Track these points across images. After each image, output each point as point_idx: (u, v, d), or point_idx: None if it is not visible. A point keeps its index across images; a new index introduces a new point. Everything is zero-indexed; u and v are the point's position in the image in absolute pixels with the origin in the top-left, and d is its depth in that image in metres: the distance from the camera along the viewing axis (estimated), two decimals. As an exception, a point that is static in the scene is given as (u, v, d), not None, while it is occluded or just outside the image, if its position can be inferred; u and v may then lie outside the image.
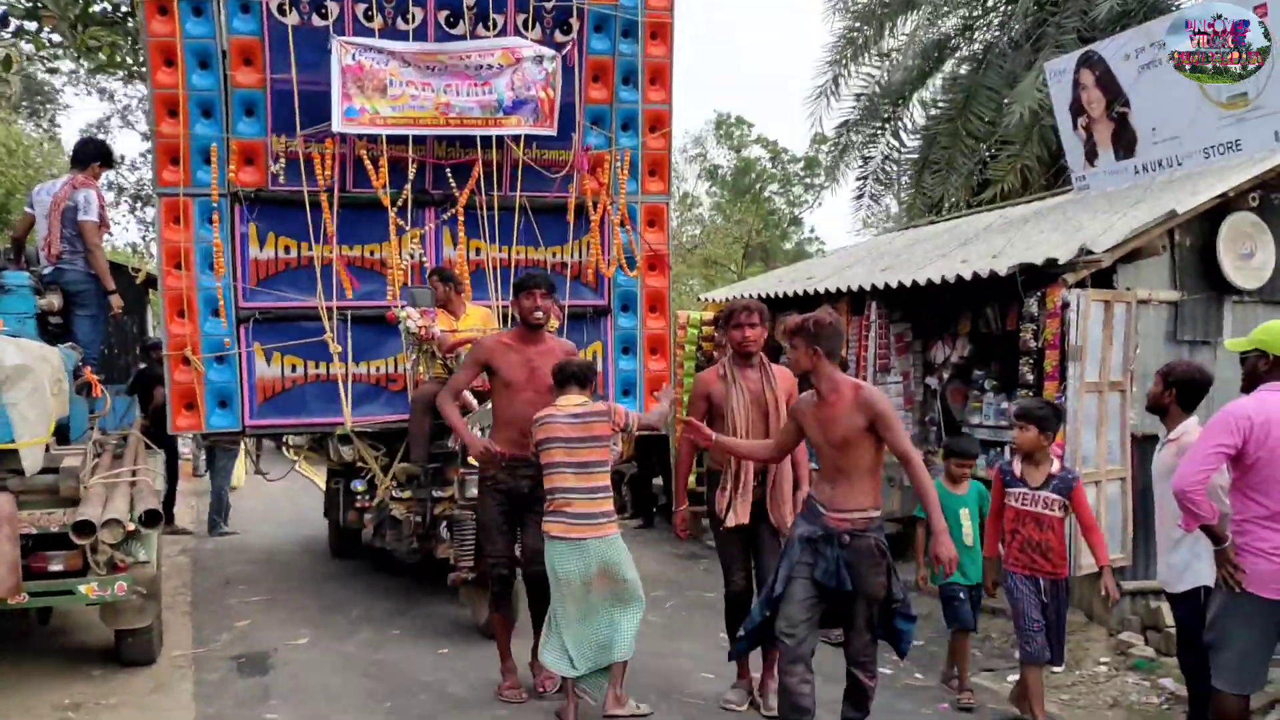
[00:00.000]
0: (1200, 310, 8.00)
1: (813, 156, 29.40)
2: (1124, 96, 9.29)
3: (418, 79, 7.47)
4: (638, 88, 8.34)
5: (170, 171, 7.44)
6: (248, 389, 7.64)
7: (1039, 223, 9.62)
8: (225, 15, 7.37)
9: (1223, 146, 8.50)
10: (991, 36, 16.68)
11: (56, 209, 7.25)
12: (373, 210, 7.71)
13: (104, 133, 25.14)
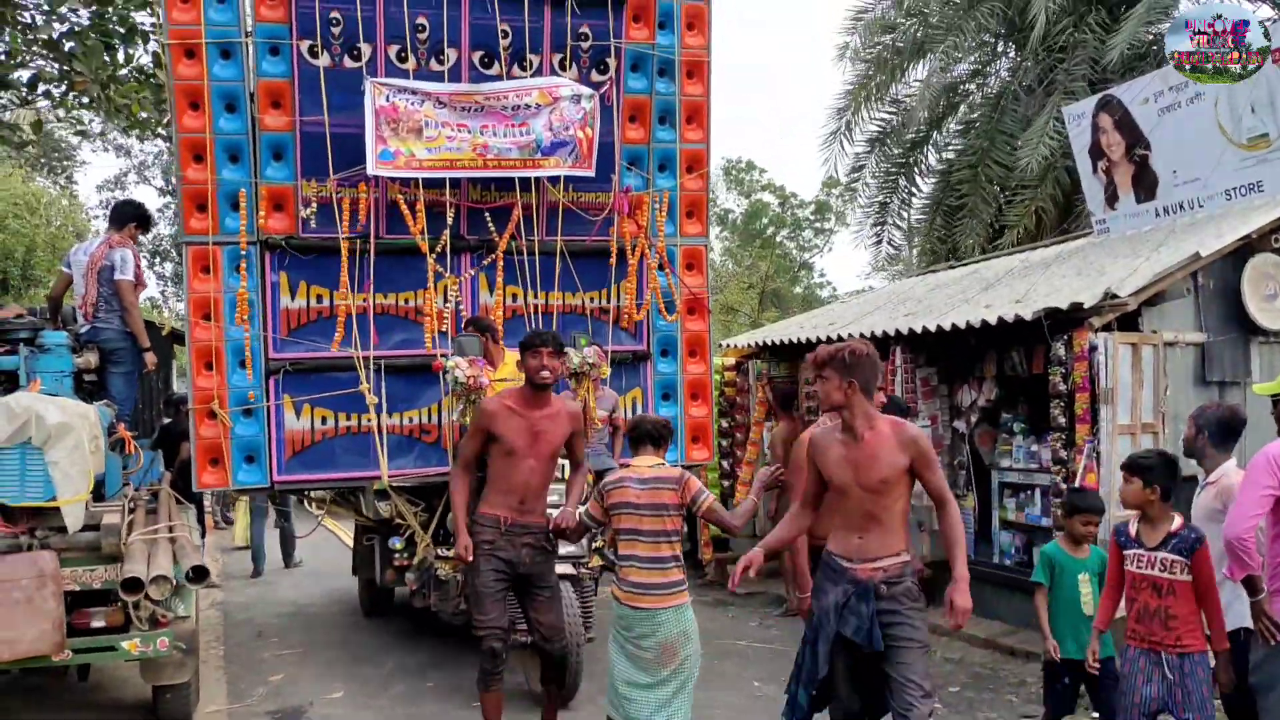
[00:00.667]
0: (1227, 351, 8.03)
1: (823, 201, 29.59)
2: (1144, 140, 9.45)
3: (453, 120, 7.28)
4: (675, 127, 8.20)
5: (197, 219, 7.27)
6: (276, 443, 7.44)
7: (1061, 266, 9.65)
8: (254, 58, 7.26)
9: (1244, 188, 8.65)
10: (1003, 83, 16.92)
11: (93, 268, 7.36)
12: (406, 257, 7.53)
13: (120, 188, 25.48)
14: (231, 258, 7.26)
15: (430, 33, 7.33)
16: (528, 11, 7.45)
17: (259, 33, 7.16)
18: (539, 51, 7.57)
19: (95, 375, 7.38)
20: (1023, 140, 14.34)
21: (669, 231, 8.18)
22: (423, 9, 7.27)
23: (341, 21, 7.17)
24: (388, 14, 7.23)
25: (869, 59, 17.12)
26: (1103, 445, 7.32)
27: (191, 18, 7.01)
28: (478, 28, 7.42)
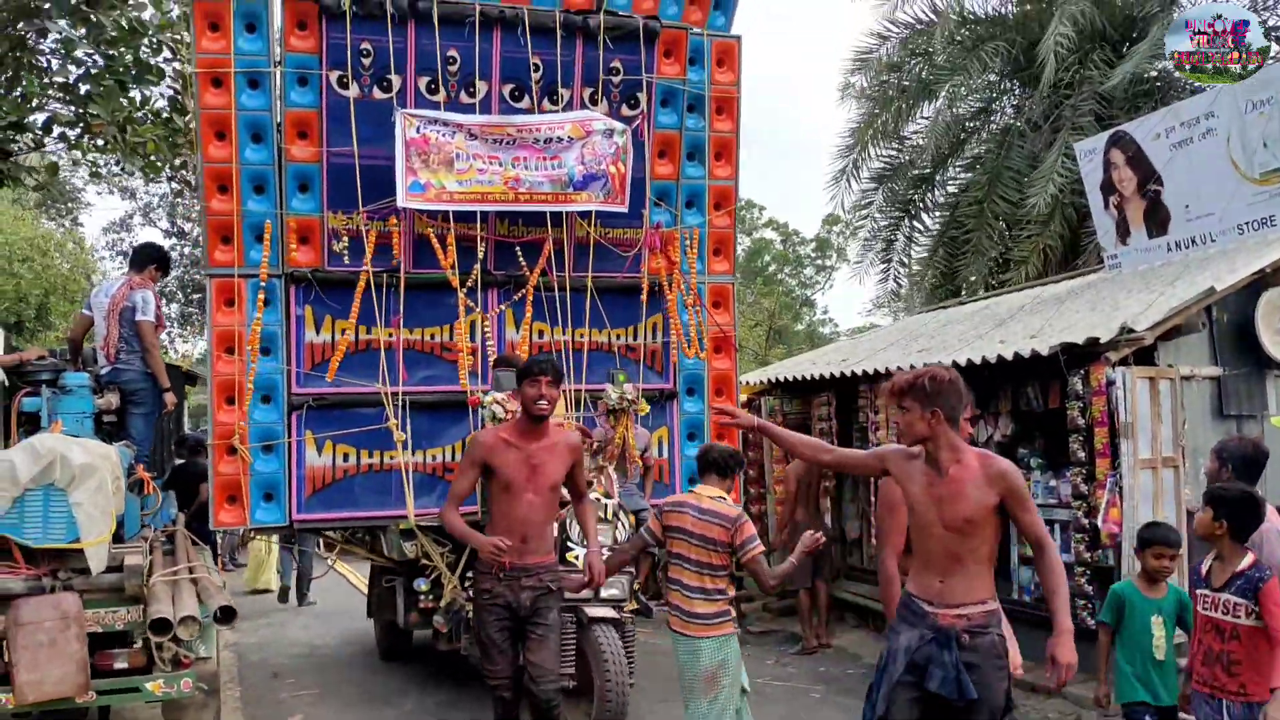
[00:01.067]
0: (1243, 385, 8.01)
1: (824, 238, 29.71)
2: (1156, 175, 9.38)
3: (485, 153, 7.15)
4: (703, 163, 8.11)
5: (222, 251, 7.16)
6: (296, 480, 7.27)
7: (1074, 302, 9.63)
8: (282, 88, 7.14)
9: (1257, 222, 8.58)
10: (1008, 119, 17.03)
11: (115, 310, 7.36)
12: (434, 291, 7.40)
13: (126, 230, 25.55)
14: (255, 291, 7.13)
15: (461, 65, 7.24)
16: (560, 45, 7.36)
17: (288, 62, 7.08)
18: (570, 85, 7.48)
19: (114, 416, 7.38)
20: (1032, 178, 14.33)
21: (697, 269, 8.06)
22: (454, 41, 7.18)
23: (372, 53, 7.09)
24: (419, 46, 7.14)
25: (874, 97, 17.23)
26: (1125, 480, 7.30)
27: (221, 46, 6.95)
28: (509, 61, 7.33)
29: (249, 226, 7.13)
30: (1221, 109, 8.80)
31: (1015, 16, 16.36)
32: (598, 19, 7.42)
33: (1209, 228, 9.04)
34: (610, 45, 7.45)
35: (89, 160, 11.09)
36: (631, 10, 7.65)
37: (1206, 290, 7.68)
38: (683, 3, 7.89)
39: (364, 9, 6.99)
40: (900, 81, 17.00)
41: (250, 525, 7.19)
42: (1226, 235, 8.87)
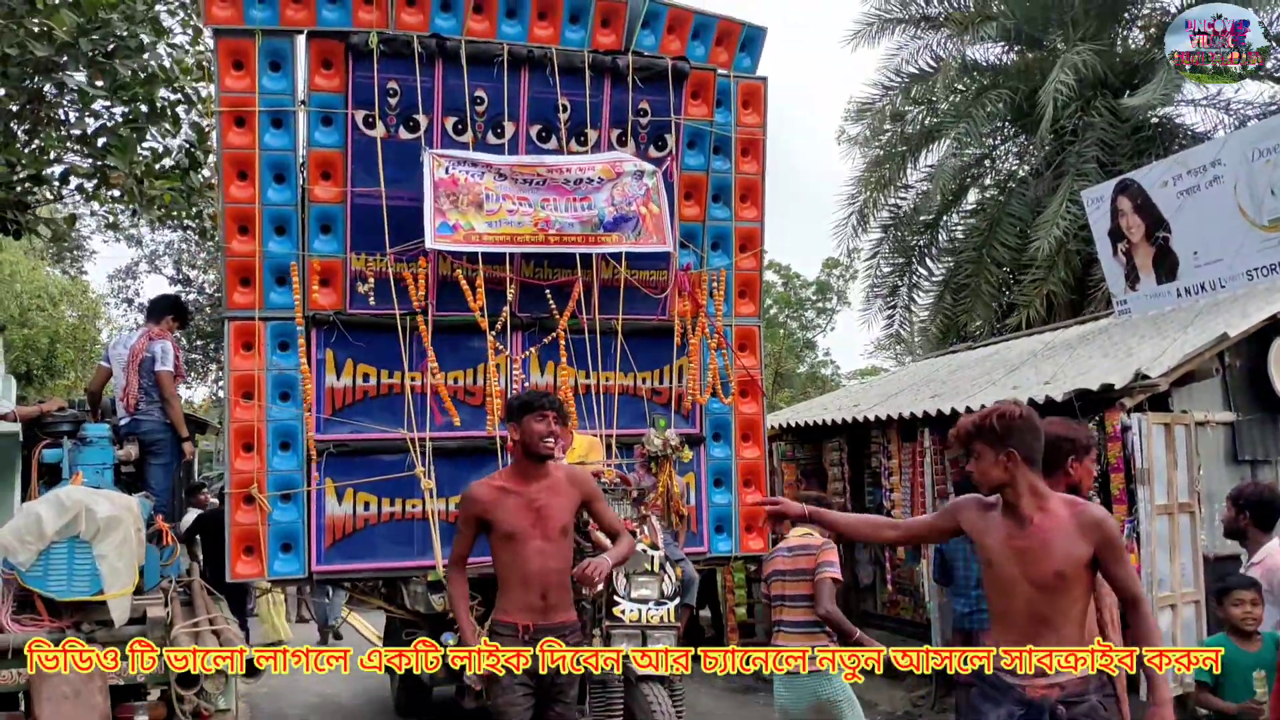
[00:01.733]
0: (1257, 430, 8.00)
1: (824, 281, 29.79)
2: (1164, 222, 9.39)
3: (514, 193, 6.97)
4: (729, 205, 7.96)
5: (241, 293, 6.97)
6: (315, 530, 7.02)
7: (1086, 348, 9.57)
8: (306, 128, 6.98)
9: (1267, 268, 8.60)
10: (1012, 165, 17.17)
11: (134, 361, 7.32)
12: (456, 334, 7.22)
13: (132, 278, 25.63)
14: (275, 334, 6.96)
15: (489, 105, 7.11)
16: (589, 86, 7.22)
17: (313, 102, 6.94)
18: (598, 126, 7.34)
19: (132, 467, 7.37)
20: (1035, 224, 14.28)
21: (724, 312, 7.88)
22: (482, 81, 7.05)
23: (399, 92, 6.93)
24: (446, 85, 7.00)
25: (878, 146, 17.33)
26: (1142, 526, 7.27)
27: (245, 85, 6.81)
28: (537, 101, 7.20)
29: (270, 268, 6.96)
30: (1228, 157, 8.80)
31: (1016, 65, 16.41)
32: (627, 59, 7.30)
33: (1218, 274, 9.01)
34: (639, 86, 7.33)
35: (105, 212, 11.16)
36: (659, 51, 7.56)
37: (1220, 336, 7.67)
38: (709, 44, 7.77)
39: (391, 48, 6.85)
40: (903, 130, 17.13)
41: (268, 577, 6.96)
42: (1236, 281, 8.84)
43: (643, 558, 5.82)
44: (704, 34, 7.72)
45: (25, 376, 17.48)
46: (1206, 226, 8.99)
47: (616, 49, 7.41)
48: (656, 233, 7.21)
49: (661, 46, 7.59)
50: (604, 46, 7.39)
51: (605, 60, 7.28)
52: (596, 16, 7.38)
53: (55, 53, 8.35)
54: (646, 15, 7.50)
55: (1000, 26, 16.18)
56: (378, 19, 6.93)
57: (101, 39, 8.56)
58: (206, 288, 22.55)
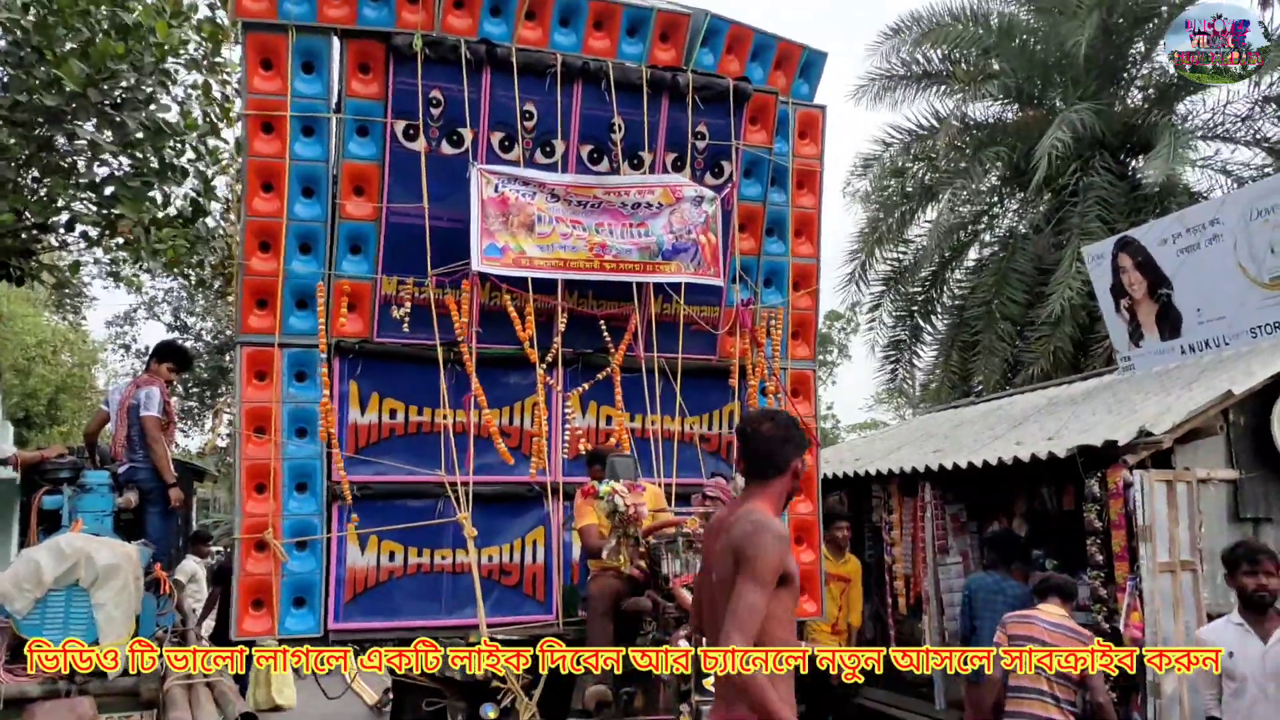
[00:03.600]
0: (1259, 488, 7.91)
1: (825, 334, 29.89)
2: (1166, 279, 9.25)
3: (567, 215, 6.36)
4: (784, 239, 7.29)
5: (257, 316, 6.24)
6: (334, 582, 6.24)
7: (1090, 404, 9.41)
8: (340, 137, 6.25)
9: (1269, 326, 8.40)
10: (1011, 222, 17.27)
11: (123, 408, 7.34)
12: (494, 368, 6.51)
13: (130, 324, 25.65)
14: (293, 363, 6.22)
15: (538, 121, 6.46)
16: (646, 103, 6.59)
17: (348, 109, 6.23)
18: (653, 149, 6.68)
19: (131, 514, 7.34)
20: (1050, 283, 14.18)
21: (778, 354, 7.19)
22: (532, 94, 6.40)
23: (443, 103, 6.26)
24: (494, 98, 6.34)
25: (879, 202, 17.26)
26: (1144, 583, 7.22)
27: (275, 88, 6.09)
28: (589, 118, 6.55)
29: (291, 289, 6.22)
30: (1227, 216, 8.66)
31: (1016, 122, 16.32)
32: (687, 77, 6.66)
33: (1221, 331, 8.85)
34: (698, 107, 6.70)
35: (110, 260, 11.20)
36: (717, 72, 6.91)
37: (1224, 394, 7.57)
38: (768, 67, 7.13)
39: (436, 53, 6.16)
40: (904, 185, 17.14)
41: (280, 635, 6.11)
42: (1239, 339, 8.68)
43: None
44: (763, 56, 7.08)
45: (24, 421, 17.44)
46: (1208, 284, 8.82)
47: (675, 66, 6.77)
48: (714, 264, 6.61)
49: (719, 67, 6.93)
50: (662, 63, 6.75)
51: (664, 77, 6.64)
52: (656, 29, 6.74)
53: (64, 102, 8.40)
54: (707, 32, 6.84)
55: (1001, 84, 16.18)
56: (423, 20, 6.22)
57: (109, 89, 8.64)
58: (204, 334, 22.59)
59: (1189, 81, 15.27)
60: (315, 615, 6.19)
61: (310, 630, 6.16)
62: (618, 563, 5.58)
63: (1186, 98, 15.64)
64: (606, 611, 5.61)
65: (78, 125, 8.71)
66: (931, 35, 16.35)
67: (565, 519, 6.56)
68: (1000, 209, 17.19)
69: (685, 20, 6.80)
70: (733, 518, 3.27)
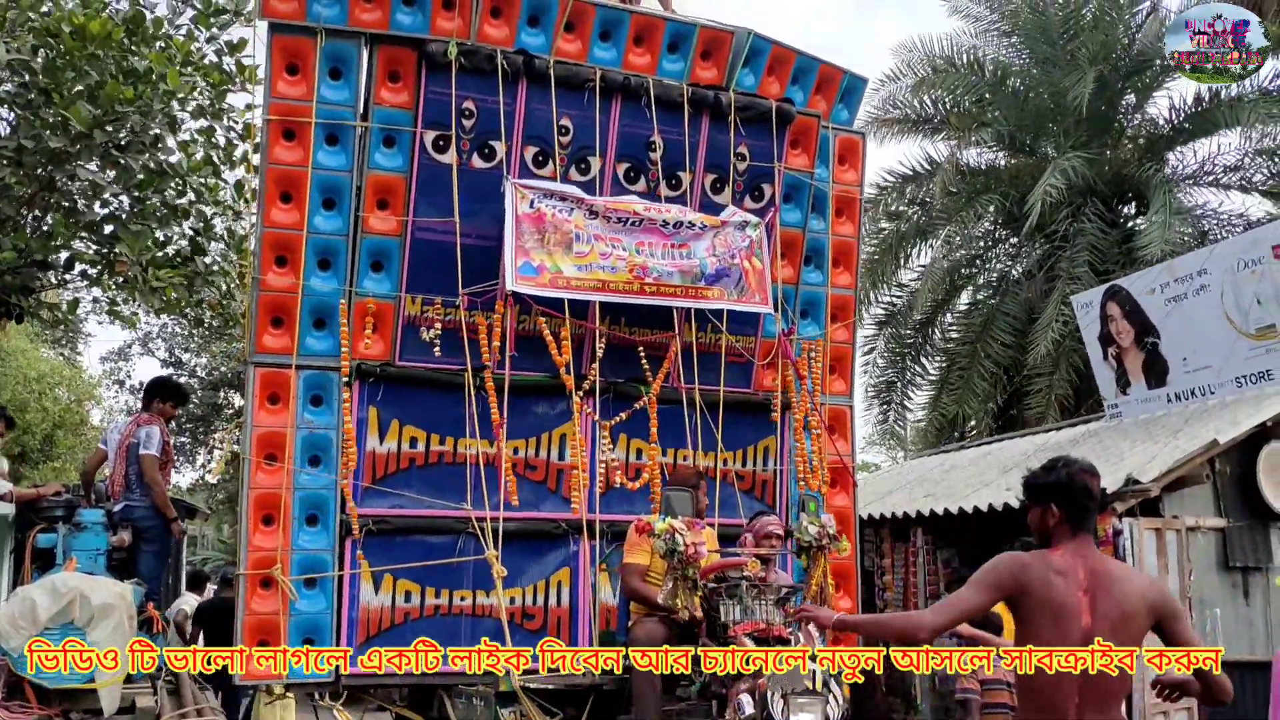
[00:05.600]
0: (1247, 536, 7.96)
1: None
2: (1153, 328, 9.44)
3: (606, 234, 5.97)
4: (822, 269, 6.90)
5: (273, 335, 5.77)
6: (347, 624, 5.72)
7: (1078, 450, 9.12)
8: (366, 147, 5.83)
9: (1255, 375, 8.48)
10: (1004, 266, 17.39)
11: (122, 447, 7.34)
12: (521, 397, 6.07)
13: (125, 359, 25.59)
14: (309, 386, 5.76)
15: (574, 136, 6.05)
16: (687, 122, 6.20)
17: (375, 118, 5.81)
18: (692, 169, 6.28)
19: (123, 553, 7.36)
20: (1034, 327, 14.15)
21: (810, 389, 6.76)
22: (569, 109, 6.01)
23: (475, 114, 5.84)
24: (529, 110, 5.93)
25: (875, 244, 17.58)
26: (1134, 631, 7.30)
27: (300, 93, 5.69)
28: (627, 136, 6.16)
29: (309, 307, 5.78)
30: (1214, 266, 8.73)
31: (1009, 169, 16.26)
32: (729, 96, 6.27)
33: (1208, 380, 8.89)
34: (742, 128, 6.32)
35: (108, 298, 11.24)
36: (758, 94, 6.53)
37: (1210, 443, 7.57)
38: (809, 90, 6.76)
39: (471, 62, 5.77)
40: (899, 228, 17.29)
41: (289, 680, 5.62)
42: (1225, 387, 8.74)
43: (801, 674, 4.56)
44: (804, 79, 6.72)
45: (20, 457, 17.43)
46: (1195, 333, 8.88)
47: (717, 85, 6.41)
48: (759, 291, 6.20)
49: (760, 89, 6.55)
50: (704, 81, 6.38)
51: (706, 95, 6.26)
52: (698, 47, 6.37)
53: (70, 143, 8.49)
54: (749, 52, 6.48)
55: (995, 132, 16.21)
56: (458, 28, 5.84)
57: (115, 130, 8.73)
58: (199, 370, 22.60)
59: (1180, 132, 15.69)
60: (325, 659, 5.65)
61: (321, 675, 5.64)
62: (674, 605, 5.02)
63: (1177, 148, 15.71)
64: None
65: (80, 165, 8.78)
66: (928, 82, 16.54)
67: (605, 558, 6.10)
68: (993, 254, 17.29)
69: (728, 38, 6.45)
70: (1115, 571, 3.29)
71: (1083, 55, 15.02)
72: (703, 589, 5.03)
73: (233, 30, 9.12)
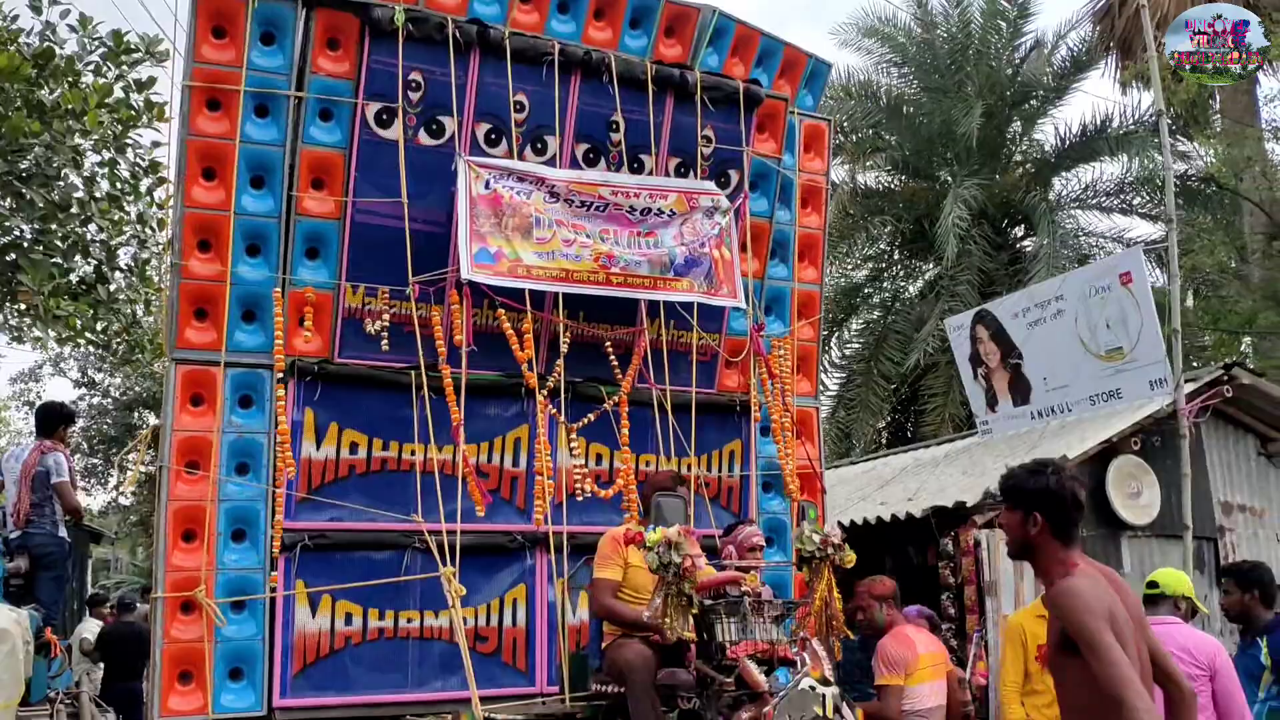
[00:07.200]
0: (1099, 546, 8.40)
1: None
2: (1017, 350, 9.59)
3: (568, 219, 5.41)
4: (787, 262, 6.46)
5: (195, 329, 5.08)
6: (280, 651, 5.04)
7: (949, 465, 9.75)
8: (300, 120, 5.16)
9: (1105, 394, 8.85)
10: (898, 286, 17.80)
11: (26, 475, 7.34)
12: (473, 398, 5.41)
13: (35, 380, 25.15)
14: (237, 385, 5.09)
15: (530, 113, 5.47)
16: (651, 102, 5.69)
17: (312, 88, 5.14)
18: (656, 152, 5.77)
19: (21, 579, 7.41)
20: (914, 345, 14.51)
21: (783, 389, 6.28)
22: (525, 84, 5.43)
23: (423, 87, 5.24)
24: (482, 85, 5.34)
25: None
26: (990, 635, 7.69)
27: (228, 58, 5.00)
28: (586, 115, 5.60)
29: (237, 297, 5.11)
30: (1069, 292, 9.08)
31: (903, 192, 16.59)
32: (694, 75, 5.76)
33: (1066, 399, 9.23)
34: (710, 107, 5.85)
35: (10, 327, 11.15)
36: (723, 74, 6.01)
37: (1060, 458, 8.31)
38: (773, 74, 6.28)
39: (420, 31, 5.16)
40: (796, 249, 17.81)
41: (213, 715, 4.91)
42: (1080, 406, 9.08)
43: (810, 697, 4.13)
44: (768, 61, 6.27)
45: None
46: (1053, 355, 9.24)
47: (682, 63, 5.89)
48: (728, 283, 5.69)
49: (724, 70, 6.08)
50: (667, 59, 5.87)
51: (671, 74, 5.72)
52: (662, 22, 5.88)
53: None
54: (713, 31, 6.03)
55: (889, 157, 16.51)
56: None
57: (15, 161, 8.77)
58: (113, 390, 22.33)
59: (1064, 158, 16.34)
60: (256, 690, 4.99)
61: (250, 708, 4.97)
62: (663, 625, 4.35)
63: (1062, 173, 16.31)
64: (650, 684, 4.44)
65: (-22, 193, 8.73)
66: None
67: (572, 573, 5.49)
68: (888, 274, 17.89)
69: (694, 15, 5.95)
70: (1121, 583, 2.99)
71: (970, 86, 15.35)
72: (699, 606, 4.40)
73: (141, 68, 9.10)
